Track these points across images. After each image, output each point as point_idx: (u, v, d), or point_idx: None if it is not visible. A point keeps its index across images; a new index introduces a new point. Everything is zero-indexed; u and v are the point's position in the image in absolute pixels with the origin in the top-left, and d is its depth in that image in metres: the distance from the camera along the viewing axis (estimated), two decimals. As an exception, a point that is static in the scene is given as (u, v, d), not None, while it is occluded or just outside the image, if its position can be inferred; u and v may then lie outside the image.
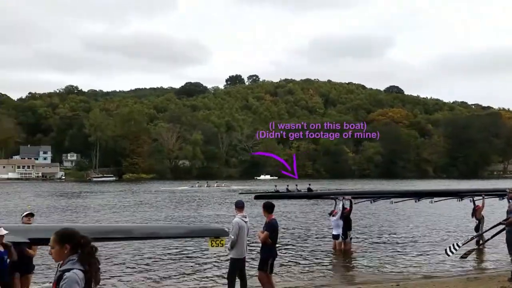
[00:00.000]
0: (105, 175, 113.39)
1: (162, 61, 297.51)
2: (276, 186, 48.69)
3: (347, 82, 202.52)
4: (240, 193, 46.78)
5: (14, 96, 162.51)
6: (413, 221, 23.11)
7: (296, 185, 48.85)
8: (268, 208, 8.19)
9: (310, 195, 16.17)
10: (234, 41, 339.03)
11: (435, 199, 15.90)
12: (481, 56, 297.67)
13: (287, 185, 47.86)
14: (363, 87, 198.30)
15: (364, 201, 16.20)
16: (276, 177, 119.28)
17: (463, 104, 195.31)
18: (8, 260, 6.21)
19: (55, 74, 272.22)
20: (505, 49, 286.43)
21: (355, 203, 14.64)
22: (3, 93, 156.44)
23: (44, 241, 6.15)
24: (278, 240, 8.59)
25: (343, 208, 14.08)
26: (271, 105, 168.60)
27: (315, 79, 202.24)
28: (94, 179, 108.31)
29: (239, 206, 8.13)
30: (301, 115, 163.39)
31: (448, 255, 11.42)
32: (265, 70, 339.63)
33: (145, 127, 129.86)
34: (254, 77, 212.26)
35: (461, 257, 11.52)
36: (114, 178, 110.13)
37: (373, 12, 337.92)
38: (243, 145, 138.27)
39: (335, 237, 14.20)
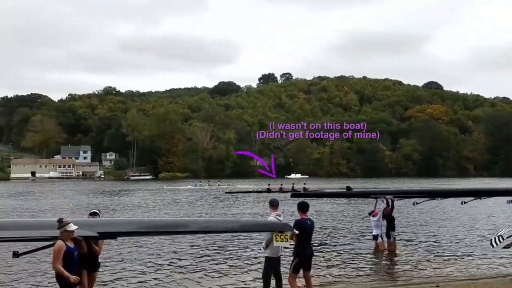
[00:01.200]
0: (142, 174, 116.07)
1: (195, 61, 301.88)
2: (269, 184, 49.44)
3: (383, 78, 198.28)
4: (226, 192, 46.46)
5: (55, 97, 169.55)
6: (453, 220, 22.20)
7: (293, 184, 50.13)
8: (300, 207, 8.16)
9: (348, 194, 15.60)
10: (266, 40, 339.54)
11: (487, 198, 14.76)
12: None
13: (268, 184, 48.77)
14: (400, 83, 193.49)
15: (406, 200, 15.54)
16: (307, 176, 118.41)
17: (505, 99, 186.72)
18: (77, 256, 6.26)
19: (93, 75, 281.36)
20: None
21: (397, 198, 14.11)
22: (44, 94, 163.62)
23: (111, 235, 6.25)
24: (313, 239, 8.43)
25: (387, 206, 13.70)
26: (304, 103, 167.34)
27: (349, 76, 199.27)
28: (132, 177, 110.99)
29: (274, 204, 8.05)
30: (335, 113, 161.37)
31: (493, 246, 11.12)
32: (298, 68, 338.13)
33: (180, 126, 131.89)
34: (287, 75, 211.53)
35: (504, 247, 11.23)
36: (150, 177, 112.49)
37: (408, 6, 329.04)
38: (276, 143, 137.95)
39: (375, 237, 13.85)
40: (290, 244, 7.70)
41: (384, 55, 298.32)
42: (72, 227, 5.83)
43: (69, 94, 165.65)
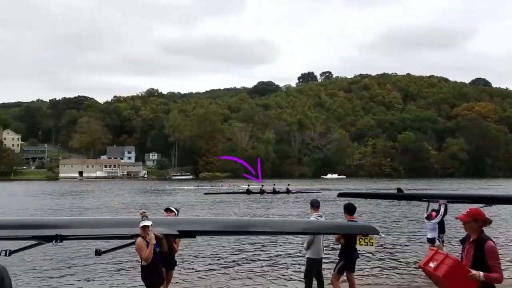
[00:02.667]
0: (183, 173, 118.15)
1: (234, 62, 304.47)
2: (249, 185, 48.79)
3: (428, 75, 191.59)
4: (205, 193, 45.18)
5: (101, 99, 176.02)
6: (506, 224, 20.75)
7: (274, 184, 49.79)
8: (347, 209, 7.96)
9: (399, 196, 14.80)
10: (305, 39, 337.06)
11: None
12: None
13: (248, 185, 48.18)
14: (446, 80, 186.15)
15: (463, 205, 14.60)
16: (344, 176, 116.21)
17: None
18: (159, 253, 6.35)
19: (137, 77, 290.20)
20: None
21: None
22: (90, 97, 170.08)
23: (191, 234, 6.21)
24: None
25: (445, 211, 12.95)
26: (345, 102, 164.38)
27: (392, 73, 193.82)
28: (174, 177, 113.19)
29: (315, 205, 7.93)
30: (377, 111, 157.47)
31: None
32: (338, 66, 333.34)
33: (219, 127, 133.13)
34: (327, 74, 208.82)
35: None
36: (191, 177, 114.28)
37: (451, 0, 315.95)
38: (315, 143, 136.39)
39: (431, 240, 13.07)
40: (377, 249, 7.32)
41: (428, 52, 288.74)
42: (147, 222, 5.85)
43: (114, 96, 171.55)
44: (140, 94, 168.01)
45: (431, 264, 4.47)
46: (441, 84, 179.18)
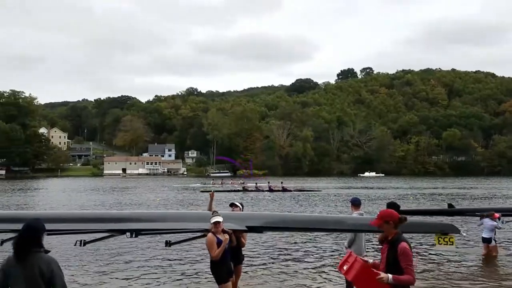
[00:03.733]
0: (221, 171, 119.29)
1: (271, 60, 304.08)
2: (243, 183, 48.25)
3: (473, 70, 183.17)
4: (201, 191, 44.77)
5: (143, 99, 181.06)
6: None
7: (269, 182, 48.73)
8: (392, 208, 7.68)
9: (450, 212, 14.02)
10: (344, 34, 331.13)
11: None
12: None
13: (243, 183, 48.20)
14: (493, 75, 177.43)
15: None
16: (382, 174, 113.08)
17: None
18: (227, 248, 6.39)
19: (177, 77, 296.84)
20: None
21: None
22: (133, 96, 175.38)
23: (259, 230, 6.29)
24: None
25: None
26: (387, 98, 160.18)
27: (436, 69, 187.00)
28: (212, 174, 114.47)
29: (356, 203, 7.82)
30: (420, 108, 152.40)
31: None
32: (379, 62, 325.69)
33: (257, 124, 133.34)
34: (367, 70, 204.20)
35: None
36: (229, 174, 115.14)
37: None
38: (355, 140, 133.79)
39: (487, 240, 12.26)
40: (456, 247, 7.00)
41: (473, 46, 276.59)
42: (219, 218, 5.90)
43: (155, 96, 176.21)
44: (180, 93, 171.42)
45: (344, 267, 4.47)
46: (487, 80, 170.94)
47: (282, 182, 47.51)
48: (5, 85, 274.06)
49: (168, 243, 6.02)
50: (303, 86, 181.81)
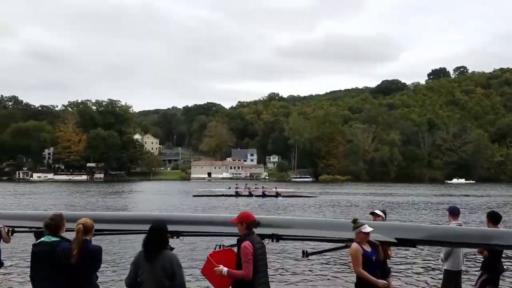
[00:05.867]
0: (302, 176, 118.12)
1: (355, 62, 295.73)
2: (237, 187, 46.16)
3: None
4: (193, 196, 44.14)
5: (227, 105, 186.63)
6: None
7: (263, 186, 47.44)
8: (492, 218, 6.99)
9: None
10: (434, 32, 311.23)
11: None
12: None
13: (236, 187, 46.28)
14: None
15: None
16: (473, 181, 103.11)
17: None
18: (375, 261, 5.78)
19: (259, 83, 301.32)
20: None
21: None
22: (217, 103, 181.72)
23: (411, 243, 5.65)
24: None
25: None
26: (483, 99, 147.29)
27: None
28: (293, 179, 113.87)
29: (455, 213, 7.21)
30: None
31: None
32: (474, 60, 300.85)
33: (340, 128, 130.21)
34: (461, 69, 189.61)
35: None
36: (311, 179, 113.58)
37: None
38: (448, 144, 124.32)
39: None
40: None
41: None
42: (368, 228, 5.33)
43: (238, 102, 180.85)
44: (262, 99, 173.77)
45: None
46: None
47: (276, 187, 46.97)
48: (103, 94, 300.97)
49: (305, 253, 5.60)
50: (389, 87, 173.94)
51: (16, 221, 6.56)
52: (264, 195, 43.55)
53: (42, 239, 4.60)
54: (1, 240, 6.53)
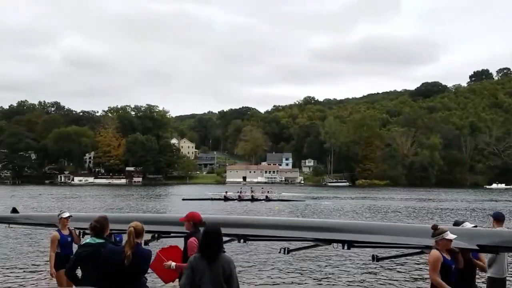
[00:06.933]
0: (338, 180, 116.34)
1: (392, 64, 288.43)
2: (226, 192, 46.26)
3: None
4: (183, 199, 43.80)
5: (262, 109, 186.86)
6: None
7: (252, 190, 47.78)
8: (496, 218, 6.77)
9: None
10: (475, 33, 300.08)
11: None
12: None
13: (225, 192, 46.37)
14: None
15: None
16: None
17: None
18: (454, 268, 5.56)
19: (294, 86, 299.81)
20: None
21: None
22: (253, 107, 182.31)
23: (494, 249, 5.52)
24: None
25: None
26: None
27: None
28: (329, 184, 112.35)
29: (499, 218, 6.80)
30: None
31: None
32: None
33: (377, 132, 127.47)
34: (504, 71, 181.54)
35: None
36: (347, 184, 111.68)
37: None
38: (492, 148, 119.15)
39: None
40: None
41: None
42: (451, 235, 5.01)
43: (274, 106, 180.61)
44: (297, 103, 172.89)
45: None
46: None
47: (268, 191, 47.19)
48: (141, 100, 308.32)
49: (375, 258, 5.56)
50: (429, 90, 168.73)
51: (86, 223, 6.75)
52: (253, 199, 44.53)
53: (87, 240, 4.75)
54: (73, 241, 6.96)
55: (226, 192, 46.98)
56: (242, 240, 6.14)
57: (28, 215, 8.46)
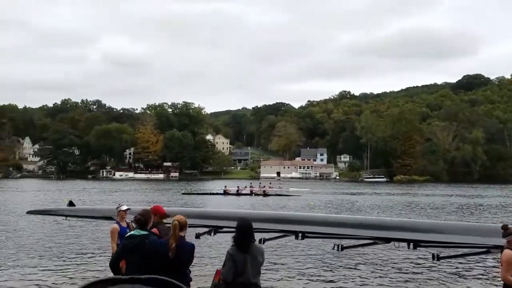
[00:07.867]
0: (376, 176, 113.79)
1: (432, 57, 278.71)
2: (225, 187, 46.32)
3: None
4: (183, 193, 45.39)
5: (296, 105, 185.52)
6: None
7: (251, 185, 47.89)
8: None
9: None
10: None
11: None
12: None
13: (224, 187, 46.70)
14: None
15: None
16: None
17: None
18: None
19: (329, 82, 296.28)
20: None
21: None
22: (287, 103, 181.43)
23: None
24: None
25: None
26: None
27: None
28: (366, 179, 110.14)
29: None
30: None
31: None
32: None
33: (417, 126, 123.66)
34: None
35: None
36: (384, 179, 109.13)
37: None
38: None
39: None
40: None
41: None
42: None
43: (308, 101, 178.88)
44: (332, 97, 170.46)
45: None
46: None
47: (264, 186, 47.23)
48: (178, 97, 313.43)
49: (436, 257, 5.56)
50: (471, 82, 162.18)
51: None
52: (251, 194, 44.81)
53: (132, 232, 4.96)
54: None
55: (225, 186, 47.44)
56: (300, 237, 6.17)
57: (85, 208, 8.70)
